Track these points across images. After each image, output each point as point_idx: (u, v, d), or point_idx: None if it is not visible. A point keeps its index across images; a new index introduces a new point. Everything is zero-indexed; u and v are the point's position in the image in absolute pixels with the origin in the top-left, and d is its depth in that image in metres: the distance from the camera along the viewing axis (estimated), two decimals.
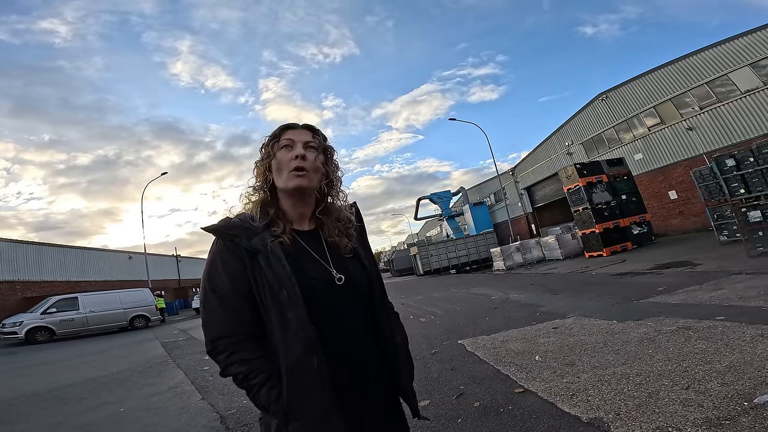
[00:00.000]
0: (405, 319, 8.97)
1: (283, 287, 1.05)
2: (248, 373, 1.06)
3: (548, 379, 3.64)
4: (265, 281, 1.06)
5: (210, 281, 1.10)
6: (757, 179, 9.17)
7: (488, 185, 38.43)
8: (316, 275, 1.14)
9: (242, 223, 1.13)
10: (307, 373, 1.02)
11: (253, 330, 1.10)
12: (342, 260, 1.22)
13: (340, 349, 1.11)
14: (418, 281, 24.65)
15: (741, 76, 16.05)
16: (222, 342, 1.08)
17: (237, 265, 1.09)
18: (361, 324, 1.19)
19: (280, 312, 1.05)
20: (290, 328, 1.04)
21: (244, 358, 1.07)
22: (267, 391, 1.05)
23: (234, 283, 1.08)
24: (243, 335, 1.09)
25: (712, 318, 4.50)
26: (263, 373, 1.07)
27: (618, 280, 9.40)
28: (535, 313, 6.97)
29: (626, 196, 16.97)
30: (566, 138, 26.40)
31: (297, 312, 1.04)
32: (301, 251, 1.17)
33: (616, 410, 2.77)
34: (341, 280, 1.16)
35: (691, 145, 18.15)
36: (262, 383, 1.06)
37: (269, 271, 1.06)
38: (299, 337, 1.03)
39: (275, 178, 1.19)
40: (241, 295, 1.09)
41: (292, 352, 1.03)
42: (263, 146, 1.25)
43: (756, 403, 2.44)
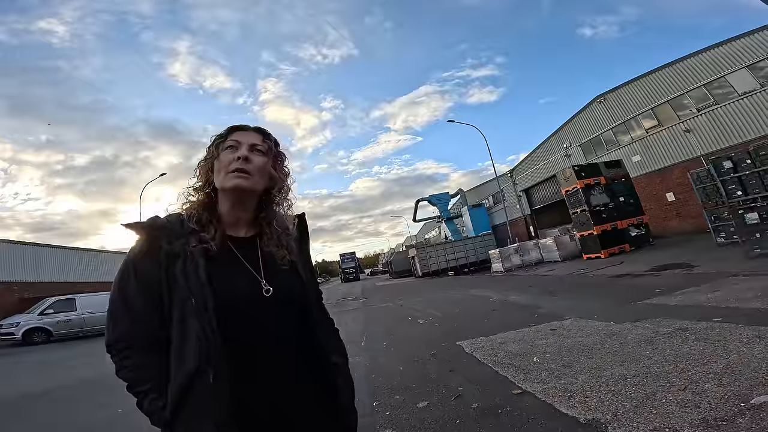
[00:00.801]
0: (403, 320, 9.00)
1: (192, 295, 1.00)
2: (136, 379, 1.03)
3: (546, 380, 3.65)
4: (176, 287, 1.02)
5: (120, 281, 1.06)
6: (755, 181, 9.19)
7: (487, 187, 38.46)
8: (240, 284, 1.09)
9: (168, 224, 1.09)
10: (198, 388, 0.96)
11: (157, 336, 1.04)
12: (276, 271, 1.16)
13: (255, 363, 1.06)
14: (416, 283, 24.66)
15: (738, 79, 16.10)
16: (117, 345, 1.04)
17: (152, 267, 1.04)
18: (287, 338, 1.13)
19: (182, 320, 1.00)
20: (189, 338, 0.98)
21: (136, 364, 1.03)
22: (150, 401, 1.01)
23: (143, 286, 1.04)
24: (141, 340, 1.04)
25: (710, 319, 4.51)
26: (150, 382, 1.02)
27: (616, 282, 9.42)
28: (533, 314, 6.98)
29: (624, 198, 17.00)
30: (564, 140, 26.44)
31: (200, 322, 0.98)
32: (231, 259, 1.12)
33: (614, 411, 2.78)
34: (269, 291, 1.11)
35: (689, 147, 18.20)
36: (147, 392, 1.02)
37: (182, 278, 1.02)
38: (196, 349, 0.97)
39: (215, 178, 1.14)
40: (149, 300, 1.04)
41: (185, 364, 0.98)
42: (209, 146, 1.20)
43: (753, 404, 2.45)
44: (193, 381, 0.96)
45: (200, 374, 0.96)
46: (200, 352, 0.96)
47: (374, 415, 3.58)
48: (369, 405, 3.87)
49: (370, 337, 7.48)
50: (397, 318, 9.73)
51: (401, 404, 3.75)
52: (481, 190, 39.78)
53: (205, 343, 0.96)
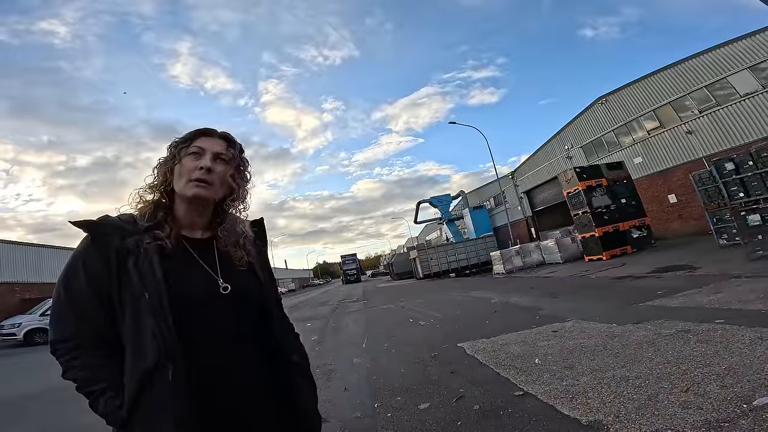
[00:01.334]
0: (404, 322, 9.00)
1: (146, 291, 0.99)
2: (88, 379, 1.00)
3: (548, 382, 3.64)
4: (129, 284, 1.01)
5: (66, 279, 1.04)
6: (757, 183, 9.17)
7: (488, 189, 38.47)
8: (196, 282, 1.09)
9: (120, 222, 1.08)
10: (157, 384, 0.95)
11: (104, 334, 1.02)
12: (233, 271, 1.17)
13: (212, 360, 1.04)
14: (417, 285, 24.64)
15: (740, 80, 16.09)
16: (64, 345, 1.01)
17: (100, 265, 1.03)
18: (244, 336, 1.13)
19: (136, 317, 0.99)
20: (144, 334, 0.97)
21: (87, 363, 1.01)
22: (106, 401, 0.98)
23: (92, 283, 1.02)
24: (89, 339, 1.02)
25: (712, 321, 4.50)
26: (105, 381, 1.00)
27: (617, 284, 9.40)
28: (535, 316, 6.97)
29: (626, 199, 16.98)
30: (566, 142, 26.44)
31: (156, 318, 0.97)
32: (186, 257, 1.12)
33: (616, 413, 2.77)
34: (227, 289, 1.12)
35: (691, 149, 18.18)
36: (102, 391, 0.99)
37: (135, 275, 1.00)
38: (153, 346, 0.95)
39: (175, 182, 1.14)
40: (98, 297, 1.02)
41: (142, 361, 0.96)
42: (170, 146, 1.18)
43: (755, 405, 2.44)
44: (152, 377, 0.94)
45: (159, 370, 0.94)
46: (158, 349, 0.95)
47: (375, 417, 3.58)
48: (370, 406, 3.87)
49: (372, 339, 7.47)
50: (398, 319, 9.72)
51: (403, 406, 3.74)
52: (483, 191, 39.78)
53: (161, 340, 0.95)
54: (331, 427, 3.52)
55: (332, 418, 3.73)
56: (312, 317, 13.75)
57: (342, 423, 3.58)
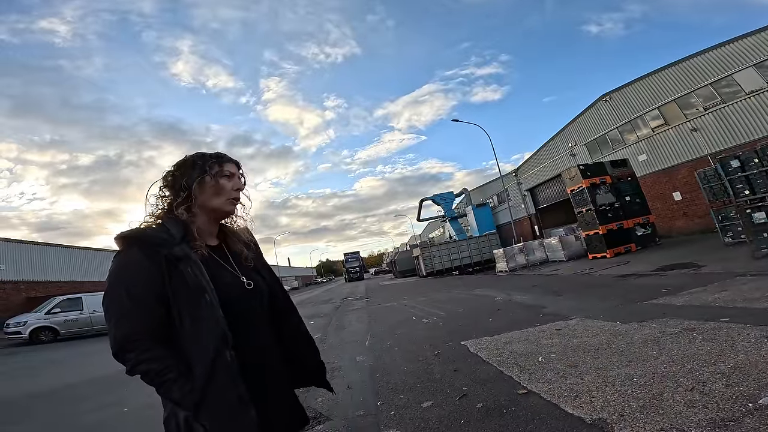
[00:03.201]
0: (407, 320, 9.00)
1: (205, 292, 1.17)
2: (161, 369, 1.12)
3: (551, 380, 3.63)
4: (186, 286, 1.16)
5: (123, 283, 1.16)
6: (762, 180, 9.11)
7: (491, 186, 38.40)
8: (231, 282, 1.31)
9: (163, 234, 1.24)
10: (220, 367, 1.13)
11: (161, 331, 1.17)
12: (246, 269, 1.41)
13: (252, 344, 1.27)
14: (420, 282, 24.64)
15: (745, 77, 15.98)
16: (134, 341, 1.13)
17: (154, 270, 1.17)
18: (266, 325, 1.38)
19: (194, 313, 1.15)
20: (205, 326, 1.15)
21: (157, 355, 1.14)
22: (181, 386, 1.12)
23: (149, 286, 1.16)
24: (154, 334, 1.16)
25: (717, 319, 4.47)
26: (175, 370, 1.13)
27: (622, 282, 9.37)
28: (539, 314, 6.95)
29: (630, 197, 16.91)
30: (570, 139, 26.34)
31: (213, 312, 1.15)
32: (215, 262, 1.32)
33: (620, 411, 2.76)
34: (250, 285, 1.36)
35: (696, 146, 18.08)
36: (175, 378, 1.12)
37: (192, 276, 1.17)
38: (214, 334, 1.14)
39: (208, 199, 1.34)
40: (155, 298, 1.16)
41: (207, 348, 1.13)
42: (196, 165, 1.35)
43: (761, 405, 2.42)
44: (216, 362, 1.12)
45: (220, 356, 1.13)
46: (218, 338, 1.14)
47: (378, 415, 3.58)
48: (373, 404, 3.87)
49: (375, 337, 7.47)
50: (401, 317, 9.72)
51: (406, 404, 3.74)
52: (486, 189, 39.71)
53: (219, 331, 1.15)
54: (335, 425, 3.52)
55: (335, 416, 3.74)
56: (315, 315, 13.78)
57: (345, 421, 3.58)
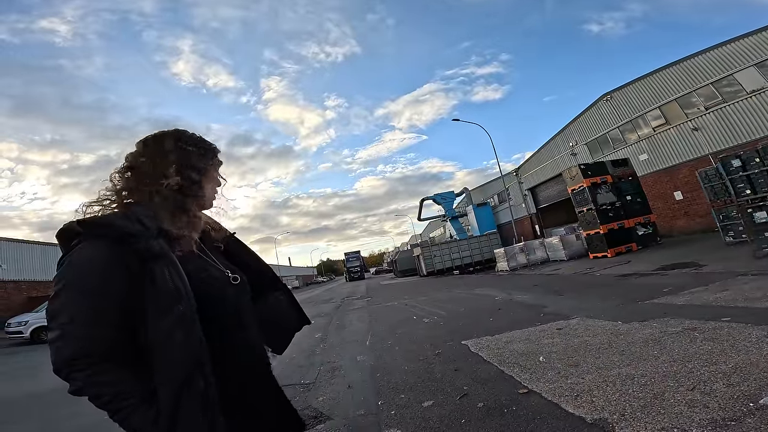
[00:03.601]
0: (408, 320, 9.00)
1: (179, 301, 0.94)
2: (118, 393, 0.91)
3: (552, 379, 3.63)
4: (158, 293, 0.94)
5: (79, 287, 0.92)
6: (763, 180, 9.10)
7: (492, 186, 38.37)
8: (216, 280, 1.15)
9: (131, 224, 0.98)
10: (190, 395, 0.92)
11: (124, 347, 0.94)
12: (226, 263, 1.27)
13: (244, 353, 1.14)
14: (421, 282, 24.64)
15: (746, 77, 15.95)
16: (86, 360, 0.89)
17: (120, 271, 0.94)
18: (253, 321, 1.23)
19: (165, 328, 0.92)
20: (175, 343, 0.92)
21: (112, 379, 0.91)
22: (142, 415, 0.90)
23: (113, 293, 0.93)
24: (110, 354, 0.92)
25: (718, 319, 4.47)
26: (136, 395, 0.92)
27: (623, 281, 9.36)
28: (539, 314, 6.95)
29: (631, 196, 16.89)
30: (570, 138, 26.32)
31: (185, 325, 0.94)
32: (198, 258, 1.16)
33: (621, 411, 2.75)
34: (237, 280, 1.20)
35: (697, 146, 18.06)
36: (136, 405, 0.91)
37: (165, 282, 0.95)
38: (186, 353, 0.93)
39: (200, 190, 1.19)
40: (119, 308, 0.93)
41: (174, 371, 0.91)
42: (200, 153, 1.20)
43: (762, 404, 2.42)
44: (184, 390, 0.91)
45: (191, 382, 0.93)
46: (189, 361, 0.93)
47: (379, 414, 3.58)
48: (374, 404, 3.87)
49: (375, 336, 7.47)
50: (401, 317, 9.72)
51: (406, 403, 3.74)
52: (487, 188, 39.69)
53: (192, 351, 0.94)
54: (335, 425, 3.53)
55: (336, 415, 3.74)
56: (316, 315, 13.77)
57: (346, 420, 3.59)
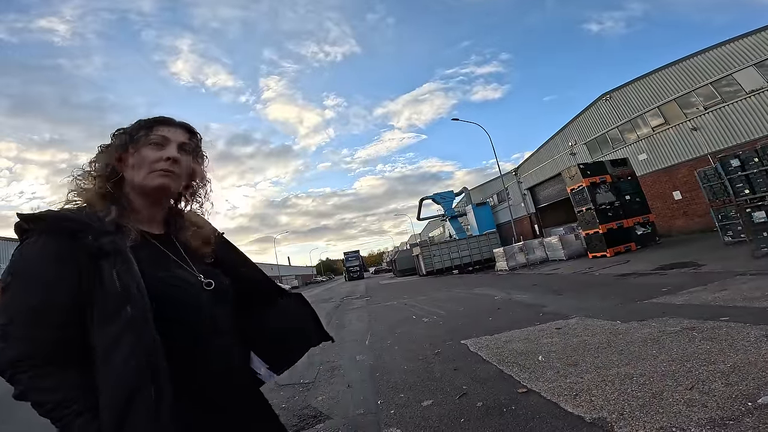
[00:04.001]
0: (407, 319, 9.01)
1: (129, 302, 0.85)
2: (60, 401, 0.82)
3: (551, 379, 3.64)
4: (106, 294, 0.86)
5: (25, 285, 0.86)
6: (762, 180, 9.11)
7: (491, 185, 38.37)
8: (182, 280, 1.00)
9: (87, 218, 0.92)
10: (137, 410, 0.81)
11: (71, 350, 0.86)
12: (205, 267, 1.10)
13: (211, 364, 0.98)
14: (420, 281, 24.65)
15: (746, 76, 15.98)
16: (27, 363, 0.83)
17: (69, 269, 0.87)
18: (229, 331, 1.06)
19: (113, 332, 0.84)
20: (122, 352, 0.83)
21: (57, 383, 0.84)
22: (82, 425, 0.82)
23: (62, 291, 0.86)
24: (57, 355, 0.85)
25: (717, 319, 4.48)
26: (78, 402, 0.83)
27: (621, 281, 9.37)
28: (539, 313, 6.96)
29: (630, 196, 16.92)
30: (570, 138, 26.33)
31: (136, 331, 0.84)
32: (159, 256, 1.02)
33: (620, 410, 2.76)
34: (210, 285, 1.04)
35: (696, 146, 18.08)
36: (78, 413, 0.82)
37: (115, 283, 0.86)
38: (132, 366, 0.82)
39: (129, 173, 1.02)
40: (68, 309, 0.86)
41: (120, 383, 0.82)
42: (118, 133, 1.06)
43: (760, 404, 2.43)
44: (132, 402, 0.82)
45: (139, 393, 0.82)
46: (138, 370, 0.82)
47: (379, 413, 3.59)
48: (373, 403, 3.88)
49: (375, 336, 7.48)
50: (401, 316, 9.72)
51: (406, 402, 3.75)
52: (486, 188, 39.68)
53: (143, 359, 0.83)
54: (335, 424, 3.53)
55: (335, 414, 3.75)
56: None
57: (345, 420, 3.59)
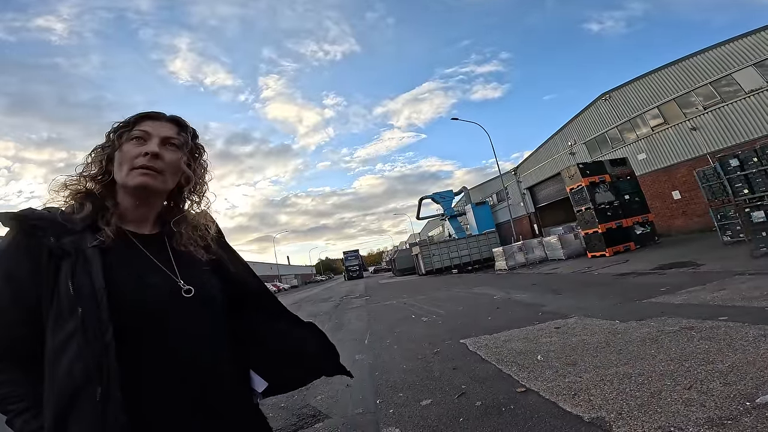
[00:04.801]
0: (407, 318, 9.02)
1: (79, 305, 0.81)
2: (6, 396, 0.85)
3: (550, 378, 3.64)
4: (61, 294, 0.84)
5: None
6: (761, 179, 9.14)
7: (491, 185, 38.39)
8: (153, 285, 0.94)
9: (53, 216, 0.90)
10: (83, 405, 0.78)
11: (26, 349, 0.86)
12: (195, 271, 1.03)
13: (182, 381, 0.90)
14: (420, 281, 24.66)
15: (745, 76, 15.99)
16: None
17: (28, 267, 0.86)
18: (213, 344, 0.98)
19: (62, 334, 0.81)
20: (69, 354, 0.80)
21: (6, 379, 0.86)
22: (24, 422, 0.83)
23: (15, 290, 0.86)
24: (9, 353, 0.87)
25: (715, 318, 4.49)
26: (25, 400, 0.85)
27: (620, 281, 9.38)
28: (538, 312, 6.97)
29: (629, 196, 16.93)
30: (569, 138, 26.34)
31: (90, 333, 0.80)
32: (136, 256, 0.97)
33: (618, 410, 2.77)
34: (190, 291, 0.97)
35: (695, 145, 18.09)
36: (21, 411, 0.84)
37: (68, 284, 0.83)
38: (78, 367, 0.79)
39: (115, 172, 0.99)
40: (22, 308, 0.85)
41: (68, 379, 0.79)
42: (109, 132, 1.03)
43: (758, 403, 2.43)
44: (79, 396, 0.78)
45: (85, 390, 0.78)
46: (86, 367, 0.79)
47: (378, 413, 3.59)
48: (372, 402, 3.88)
49: (374, 335, 7.49)
50: (400, 316, 9.73)
51: (405, 402, 3.75)
52: (485, 187, 39.71)
53: (90, 361, 0.79)
54: (334, 423, 3.54)
55: (334, 414, 3.75)
56: (314, 314, 13.80)
57: (344, 419, 3.59)
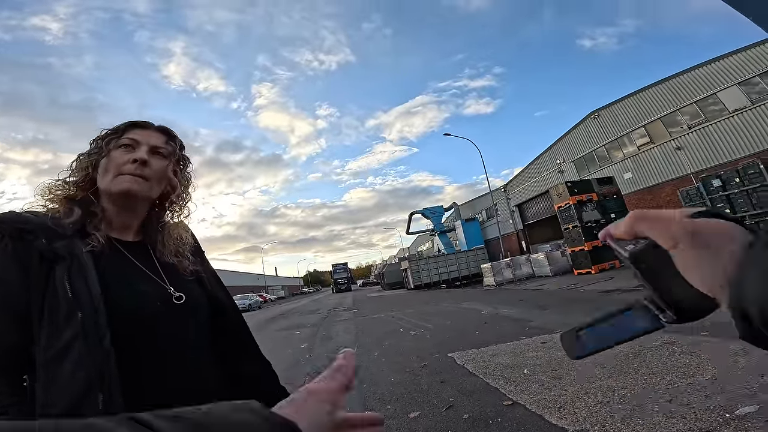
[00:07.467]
0: (395, 332, 9.00)
1: (80, 309, 0.80)
2: None
3: (536, 392, 3.68)
4: (58, 299, 0.81)
5: None
6: (743, 200, 9.41)
7: (480, 201, 38.72)
8: (146, 292, 0.93)
9: (44, 220, 0.88)
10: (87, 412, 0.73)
11: (12, 358, 0.81)
12: (180, 279, 1.02)
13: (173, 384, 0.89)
14: (408, 295, 24.60)
15: (729, 96, 16.39)
16: None
17: (16, 273, 0.82)
18: (199, 353, 0.97)
19: (62, 339, 0.78)
20: (70, 360, 0.77)
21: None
22: None
23: (3, 295, 0.81)
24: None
25: (697, 333, 4.58)
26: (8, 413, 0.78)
27: (606, 297, 9.50)
28: (524, 328, 7.02)
29: (615, 214, 17.18)
30: (558, 156, 26.79)
31: (91, 339, 0.79)
32: (126, 264, 0.96)
33: (602, 422, 2.81)
34: (181, 298, 0.96)
35: (679, 165, 18.49)
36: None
37: (66, 288, 0.81)
38: (80, 374, 0.77)
39: (100, 178, 0.97)
40: (11, 315, 0.81)
41: (70, 386, 0.76)
42: (95, 139, 1.02)
43: (737, 415, 2.49)
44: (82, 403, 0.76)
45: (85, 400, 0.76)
46: (88, 374, 0.77)
47: None
48: None
49: (362, 348, 7.46)
50: (388, 329, 9.70)
51: (392, 414, 3.75)
52: (475, 204, 40.04)
53: (92, 368, 0.77)
54: None
55: None
56: (302, 325, 13.67)
57: None
